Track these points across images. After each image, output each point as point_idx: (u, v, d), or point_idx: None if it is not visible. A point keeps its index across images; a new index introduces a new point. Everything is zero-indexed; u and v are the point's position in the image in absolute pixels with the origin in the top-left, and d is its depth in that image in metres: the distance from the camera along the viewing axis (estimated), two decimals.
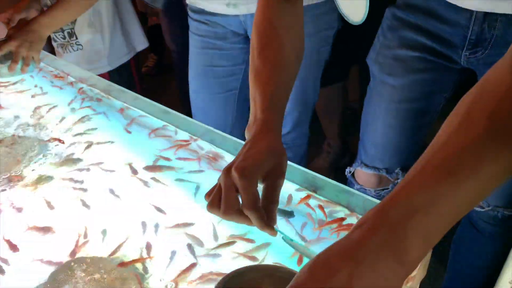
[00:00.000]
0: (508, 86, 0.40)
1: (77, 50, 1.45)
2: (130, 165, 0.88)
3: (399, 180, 1.06)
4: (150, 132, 0.98)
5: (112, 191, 0.82)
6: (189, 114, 1.14)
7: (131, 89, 1.09)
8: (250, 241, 0.70)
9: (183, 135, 0.96)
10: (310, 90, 1.23)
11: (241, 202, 0.54)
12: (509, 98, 0.39)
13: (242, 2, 1.08)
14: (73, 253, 0.70)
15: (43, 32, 1.23)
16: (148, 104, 1.04)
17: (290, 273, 0.55)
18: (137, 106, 1.06)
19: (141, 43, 1.58)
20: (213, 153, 0.90)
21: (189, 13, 1.21)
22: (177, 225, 0.74)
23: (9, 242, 0.72)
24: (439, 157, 0.39)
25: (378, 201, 0.72)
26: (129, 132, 0.98)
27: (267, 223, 0.54)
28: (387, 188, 1.08)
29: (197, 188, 0.81)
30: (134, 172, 0.86)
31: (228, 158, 0.89)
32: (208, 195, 0.58)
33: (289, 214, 0.69)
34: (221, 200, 0.55)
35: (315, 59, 1.18)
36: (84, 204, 0.79)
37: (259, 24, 0.69)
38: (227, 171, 0.55)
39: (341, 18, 1.15)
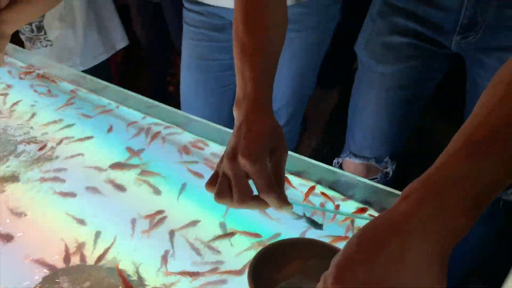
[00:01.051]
0: None
1: (46, 46, 1.33)
2: (111, 163, 0.82)
3: (387, 169, 1.05)
4: (128, 125, 0.92)
5: (91, 190, 0.76)
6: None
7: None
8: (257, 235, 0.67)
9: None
10: (308, 83, 1.21)
11: (254, 188, 0.53)
12: None
13: None
14: (56, 262, 0.64)
15: (7, 29, 1.08)
16: (127, 96, 0.98)
17: (325, 246, 0.56)
18: (117, 100, 1.00)
19: (120, 40, 1.46)
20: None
21: (184, 3, 1.16)
22: (163, 224, 0.70)
23: None
24: (485, 129, 0.39)
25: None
26: (111, 130, 0.92)
27: (285, 200, 0.53)
28: (376, 178, 1.07)
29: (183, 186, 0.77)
30: (114, 167, 0.81)
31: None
32: (210, 185, 0.55)
33: (318, 226, 0.66)
34: (231, 189, 0.52)
35: (316, 51, 1.15)
36: (61, 206, 0.73)
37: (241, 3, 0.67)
38: (233, 158, 0.52)
39: (342, 10, 1.14)
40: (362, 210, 0.71)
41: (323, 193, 0.74)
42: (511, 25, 0.80)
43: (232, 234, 0.68)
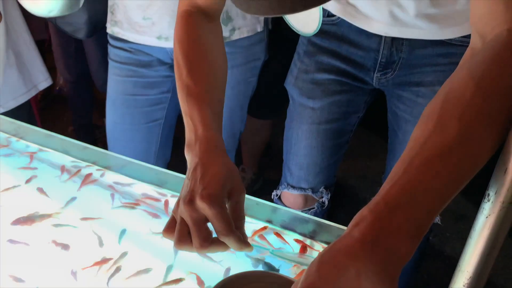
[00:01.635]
0: (471, 92, 0.45)
1: None
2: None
3: (323, 199, 1.10)
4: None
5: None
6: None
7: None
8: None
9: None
10: (237, 119, 1.23)
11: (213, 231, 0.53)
12: (474, 104, 0.45)
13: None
14: None
15: None
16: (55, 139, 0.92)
17: (279, 278, 0.56)
18: (42, 143, 0.94)
19: (43, 80, 1.36)
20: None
21: (109, 40, 1.15)
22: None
23: None
24: (421, 157, 0.43)
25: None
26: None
27: (245, 242, 0.54)
28: (313, 208, 1.11)
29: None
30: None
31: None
32: (167, 232, 0.54)
33: (276, 270, 0.67)
34: (190, 235, 0.52)
35: (243, 89, 1.19)
36: None
37: (183, 43, 0.68)
38: (190, 203, 0.52)
39: (266, 50, 1.20)
40: (304, 249, 0.72)
41: (277, 234, 0.74)
42: (422, 63, 0.90)
43: (179, 280, 0.66)
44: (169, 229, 0.54)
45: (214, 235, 0.53)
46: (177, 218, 0.54)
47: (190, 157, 0.58)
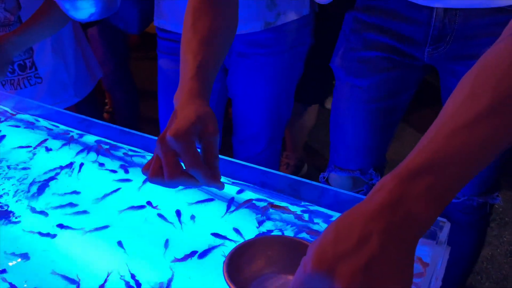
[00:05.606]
0: (509, 62, 0.44)
1: (35, 83, 1.25)
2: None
3: (374, 181, 1.07)
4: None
5: None
6: None
7: (100, 119, 0.98)
8: None
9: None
10: (284, 106, 1.23)
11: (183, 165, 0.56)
12: (509, 75, 0.43)
13: None
14: None
15: (12, 52, 1.06)
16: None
17: (291, 240, 0.59)
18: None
19: (98, 70, 1.45)
20: None
21: (158, 32, 1.18)
22: None
23: None
24: (449, 127, 0.42)
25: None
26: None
27: (214, 176, 0.56)
28: (362, 190, 1.09)
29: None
30: None
31: None
32: (145, 168, 0.58)
33: None
34: (162, 168, 0.55)
35: (289, 75, 1.18)
36: None
37: (193, 1, 0.71)
38: (162, 139, 0.56)
39: (312, 34, 1.17)
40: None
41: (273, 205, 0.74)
42: (478, 34, 0.85)
43: None
44: (147, 166, 0.58)
45: None
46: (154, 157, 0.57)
47: (175, 104, 0.62)
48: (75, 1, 0.83)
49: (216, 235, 0.69)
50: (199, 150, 0.58)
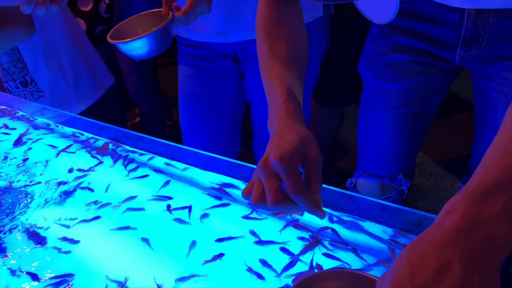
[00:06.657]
0: None
1: (39, 97, 1.29)
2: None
3: (403, 187, 1.04)
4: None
5: None
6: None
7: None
8: None
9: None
10: None
11: (285, 190, 0.54)
12: None
13: (232, 31, 1.07)
14: None
15: None
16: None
17: (360, 276, 0.55)
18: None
19: (108, 79, 1.46)
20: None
21: (177, 39, 1.19)
22: None
23: None
24: None
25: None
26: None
27: (317, 204, 0.54)
28: (391, 196, 1.06)
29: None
30: None
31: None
32: (246, 192, 0.57)
33: None
34: (265, 192, 0.54)
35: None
36: None
37: (263, 26, 0.72)
38: (265, 163, 0.55)
39: (328, 37, 1.16)
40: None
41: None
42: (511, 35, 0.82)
43: None
44: (248, 190, 0.57)
45: None
46: (255, 181, 0.56)
47: (271, 130, 0.61)
48: (129, 43, 0.91)
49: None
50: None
